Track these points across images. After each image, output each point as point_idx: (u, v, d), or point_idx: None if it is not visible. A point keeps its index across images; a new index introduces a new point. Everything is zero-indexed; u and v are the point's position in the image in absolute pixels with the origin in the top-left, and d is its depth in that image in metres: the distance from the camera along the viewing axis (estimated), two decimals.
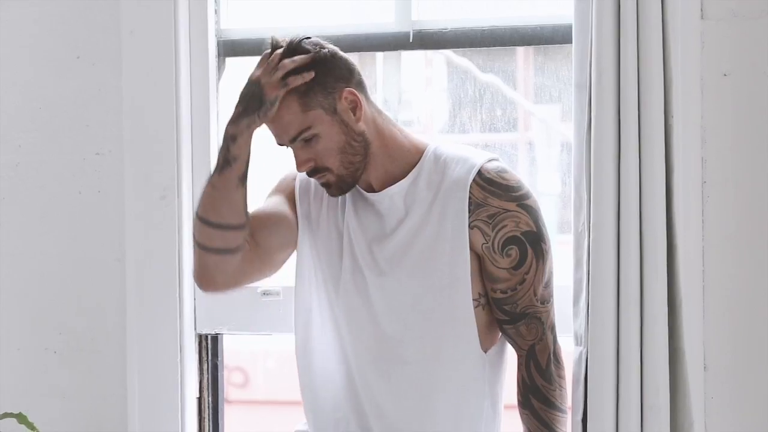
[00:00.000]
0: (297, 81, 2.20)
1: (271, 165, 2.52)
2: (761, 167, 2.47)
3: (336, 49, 2.28)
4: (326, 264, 2.35)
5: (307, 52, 2.22)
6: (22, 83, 2.87)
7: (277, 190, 2.43)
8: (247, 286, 2.55)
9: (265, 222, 2.34)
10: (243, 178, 2.23)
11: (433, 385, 2.29)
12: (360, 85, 2.28)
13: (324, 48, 2.25)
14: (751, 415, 2.49)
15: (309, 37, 2.26)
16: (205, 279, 2.29)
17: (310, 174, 2.28)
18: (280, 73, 2.20)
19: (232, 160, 2.22)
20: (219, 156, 2.24)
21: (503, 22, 2.74)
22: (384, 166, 2.30)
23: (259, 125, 2.22)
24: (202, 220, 2.26)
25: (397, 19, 2.77)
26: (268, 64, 2.22)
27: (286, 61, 2.21)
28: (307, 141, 2.24)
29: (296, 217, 2.38)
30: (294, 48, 2.23)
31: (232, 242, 2.25)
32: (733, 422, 2.49)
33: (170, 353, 2.79)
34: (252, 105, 2.21)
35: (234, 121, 2.22)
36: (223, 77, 2.87)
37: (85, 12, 2.83)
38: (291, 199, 2.40)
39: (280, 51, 2.22)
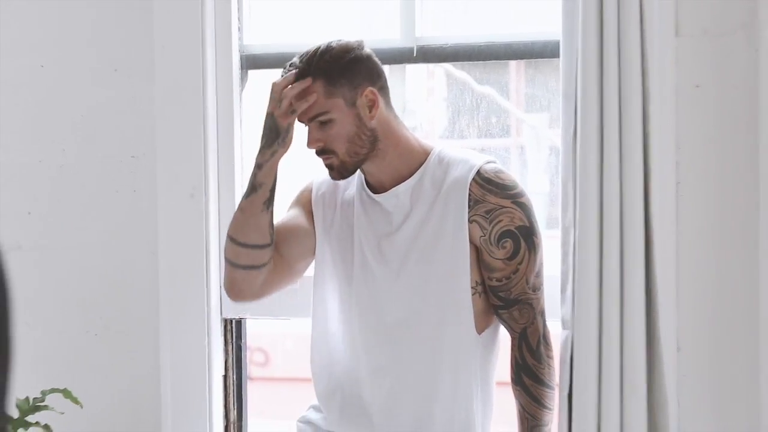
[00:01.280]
0: (302, 106, 2.21)
1: (294, 170, 2.52)
2: (730, 170, 2.46)
3: (372, 53, 2.28)
4: (339, 261, 2.36)
5: (335, 57, 2.21)
6: (66, 93, 2.87)
7: (295, 204, 2.43)
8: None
9: (286, 235, 2.35)
10: (268, 203, 2.25)
11: (433, 365, 2.30)
12: (383, 89, 2.28)
13: (362, 49, 2.25)
14: (720, 392, 2.49)
15: (332, 47, 2.24)
16: (234, 291, 2.31)
17: (318, 153, 2.27)
18: (286, 103, 2.20)
19: (258, 186, 2.25)
20: (249, 183, 2.26)
21: (498, 38, 2.74)
22: (394, 165, 2.30)
23: (282, 154, 2.24)
24: (231, 239, 2.28)
25: (402, 35, 2.78)
26: (272, 98, 2.22)
27: (287, 90, 2.21)
28: (323, 124, 2.23)
29: (313, 226, 2.38)
30: (307, 63, 2.22)
31: (258, 260, 2.27)
32: (704, 398, 2.49)
33: (198, 336, 2.79)
34: (271, 136, 2.24)
35: (260, 151, 2.25)
36: (245, 88, 2.87)
37: (121, 29, 2.83)
38: (308, 210, 2.40)
39: (279, 81, 2.21)
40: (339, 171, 2.28)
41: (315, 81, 2.21)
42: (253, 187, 2.25)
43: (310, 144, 2.25)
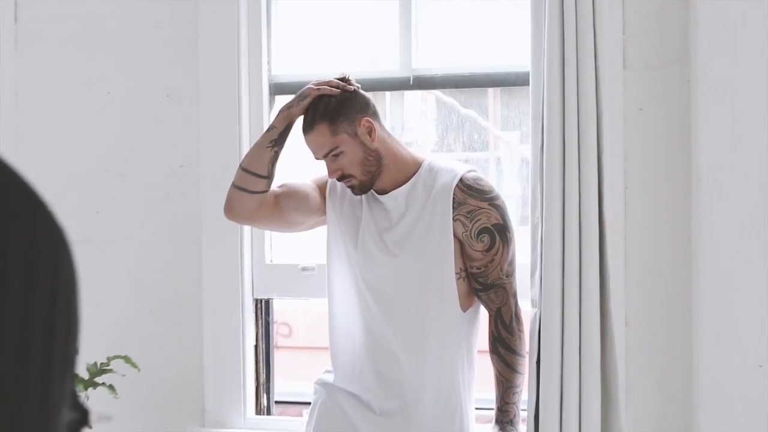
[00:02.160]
0: (325, 90, 2.29)
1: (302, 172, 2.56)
2: (667, 177, 2.49)
3: (358, 86, 2.34)
4: (352, 248, 2.39)
5: (348, 83, 2.33)
6: (128, 115, 2.92)
7: (312, 179, 2.48)
8: (281, 261, 2.77)
9: (290, 189, 2.40)
10: (274, 143, 2.32)
11: (426, 335, 2.34)
12: (374, 114, 2.34)
13: (351, 86, 2.31)
14: (660, 359, 2.52)
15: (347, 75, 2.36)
16: (227, 207, 2.36)
17: (339, 179, 2.34)
18: (323, 81, 2.31)
19: (271, 127, 2.35)
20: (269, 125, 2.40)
21: (479, 69, 2.78)
22: (393, 174, 2.36)
23: (295, 114, 2.31)
24: (240, 166, 2.37)
25: (401, 67, 2.81)
26: (321, 81, 2.34)
27: (333, 79, 2.32)
28: (336, 156, 2.30)
29: (322, 200, 2.42)
30: (347, 79, 2.34)
31: (252, 185, 2.32)
32: (646, 365, 2.52)
33: (234, 313, 2.83)
34: (296, 96, 2.34)
35: (285, 103, 2.34)
36: (273, 110, 2.89)
37: (173, 62, 2.88)
38: (321, 188, 2.44)
39: (337, 77, 2.35)
40: (360, 188, 2.34)
41: (320, 125, 2.28)
42: (268, 128, 2.36)
43: (331, 174, 2.32)
